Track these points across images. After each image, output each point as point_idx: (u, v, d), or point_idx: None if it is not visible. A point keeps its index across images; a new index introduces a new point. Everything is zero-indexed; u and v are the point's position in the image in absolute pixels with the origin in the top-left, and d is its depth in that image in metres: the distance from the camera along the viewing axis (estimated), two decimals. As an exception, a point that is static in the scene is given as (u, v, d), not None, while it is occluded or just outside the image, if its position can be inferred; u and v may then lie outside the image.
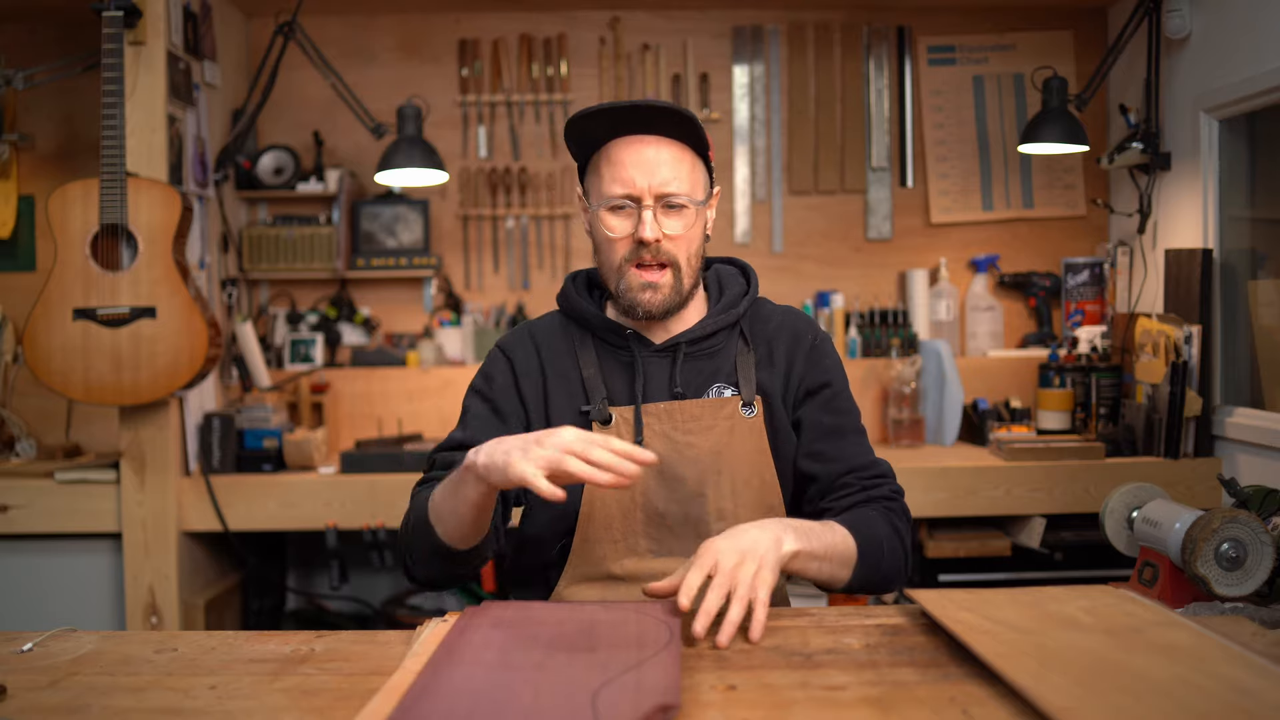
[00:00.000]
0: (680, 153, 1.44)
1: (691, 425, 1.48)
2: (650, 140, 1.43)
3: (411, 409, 3.25)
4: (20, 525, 2.72)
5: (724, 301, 1.55)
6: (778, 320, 1.57)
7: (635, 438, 1.47)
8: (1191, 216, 2.87)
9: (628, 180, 1.42)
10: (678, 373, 1.50)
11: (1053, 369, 3.05)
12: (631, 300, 1.46)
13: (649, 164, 1.42)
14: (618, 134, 1.44)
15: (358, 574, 3.31)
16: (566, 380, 1.52)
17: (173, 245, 2.56)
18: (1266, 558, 1.36)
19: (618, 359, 1.53)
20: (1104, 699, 0.92)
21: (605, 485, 1.17)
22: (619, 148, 1.44)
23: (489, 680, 1.00)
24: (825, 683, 1.03)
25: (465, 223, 3.43)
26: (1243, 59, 2.62)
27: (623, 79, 3.41)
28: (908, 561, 1.46)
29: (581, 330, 1.55)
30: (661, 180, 1.42)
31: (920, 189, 3.45)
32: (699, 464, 1.47)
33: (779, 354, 1.53)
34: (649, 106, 1.41)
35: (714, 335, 1.53)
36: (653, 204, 1.42)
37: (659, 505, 1.47)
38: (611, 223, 1.45)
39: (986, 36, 3.43)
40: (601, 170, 1.46)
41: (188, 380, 2.59)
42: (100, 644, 1.20)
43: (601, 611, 1.22)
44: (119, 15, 2.48)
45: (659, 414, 1.48)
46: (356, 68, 3.36)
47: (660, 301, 1.46)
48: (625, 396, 1.50)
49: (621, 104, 1.41)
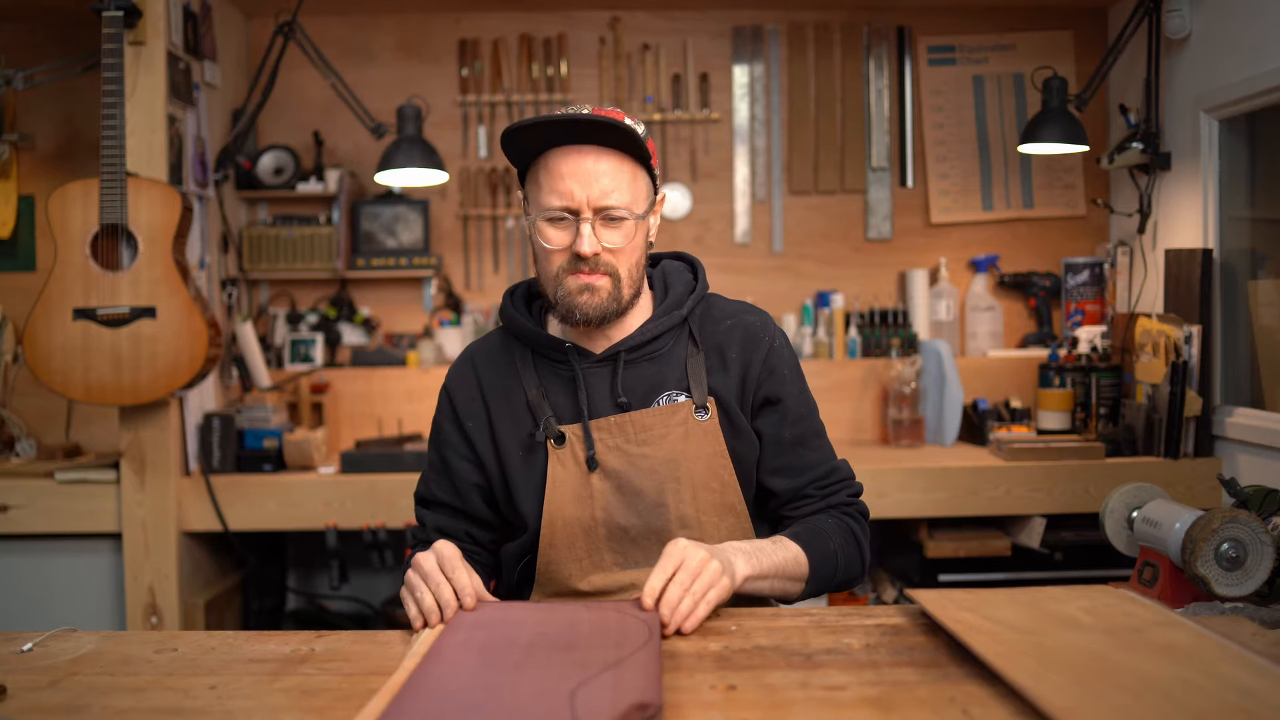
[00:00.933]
0: (620, 163, 1.39)
1: (644, 436, 1.44)
2: (589, 151, 1.38)
3: (411, 409, 3.25)
4: (20, 525, 2.72)
5: (667, 302, 1.51)
6: (730, 321, 1.52)
7: (586, 453, 1.44)
8: (1191, 216, 2.87)
9: (566, 192, 1.37)
10: (618, 382, 1.46)
11: (1053, 369, 3.05)
12: (570, 305, 1.41)
13: (587, 175, 1.37)
14: (556, 143, 1.39)
15: (358, 574, 3.31)
16: (510, 404, 1.49)
17: (173, 245, 2.56)
18: (1266, 558, 1.36)
19: (559, 374, 1.48)
20: (1104, 699, 0.92)
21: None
22: (557, 158, 1.38)
23: (470, 681, 1.00)
24: (825, 683, 1.03)
25: (465, 223, 3.43)
26: (1243, 59, 2.62)
27: (623, 79, 3.41)
28: (865, 562, 1.48)
29: (523, 347, 1.51)
30: (601, 191, 1.37)
31: (920, 189, 3.45)
32: (656, 474, 1.44)
33: (732, 357, 1.49)
34: (587, 121, 1.35)
35: (657, 339, 1.48)
36: (591, 216, 1.38)
37: (620, 520, 1.44)
38: (550, 234, 1.40)
39: (986, 36, 3.43)
40: (540, 180, 1.40)
41: (188, 380, 2.59)
42: (100, 644, 1.20)
43: (583, 611, 1.23)
44: (119, 15, 2.48)
45: (609, 428, 1.45)
46: (356, 68, 3.36)
47: (598, 305, 1.41)
48: (571, 413, 1.46)
49: (559, 116, 1.35)
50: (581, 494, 1.44)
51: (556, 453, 1.45)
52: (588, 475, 1.44)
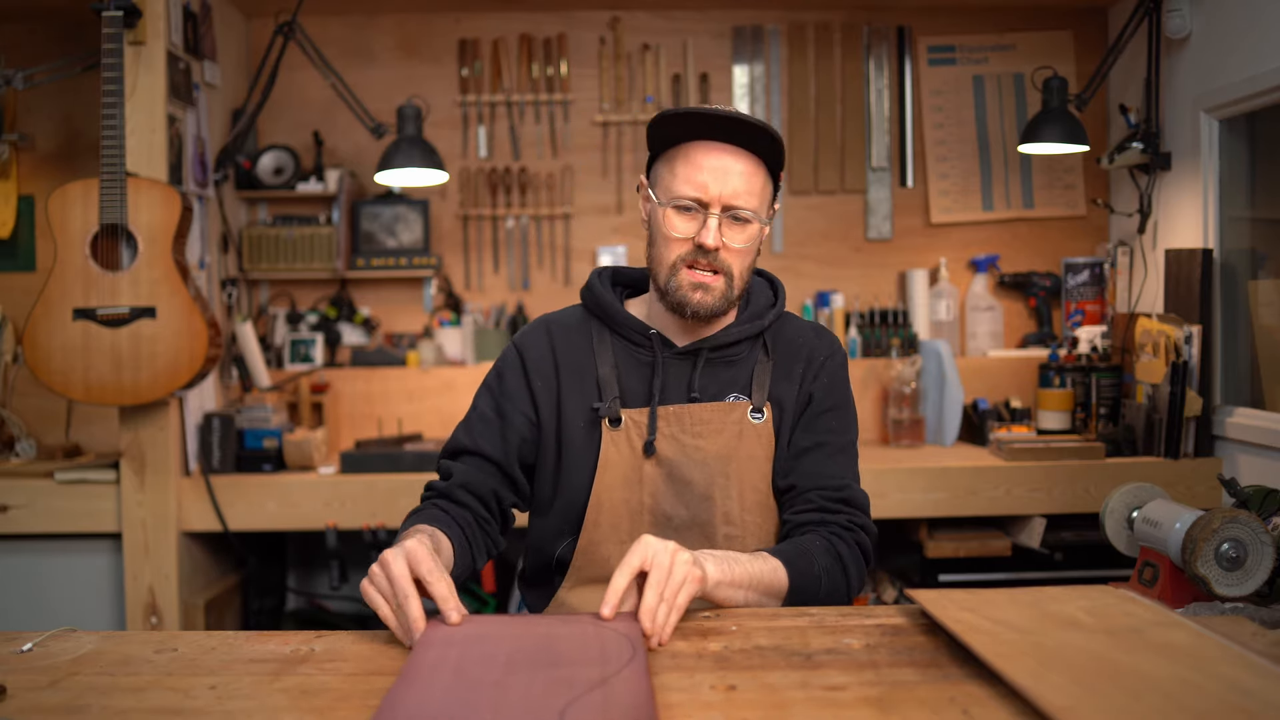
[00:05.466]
0: (755, 168, 1.44)
1: (701, 429, 1.48)
2: (729, 149, 1.43)
3: (411, 409, 3.25)
4: (20, 525, 2.72)
5: (750, 312, 1.56)
6: (802, 339, 1.57)
7: (648, 437, 1.47)
8: (1191, 216, 2.87)
9: (701, 184, 1.42)
10: (696, 377, 1.50)
11: (1053, 369, 3.05)
12: (681, 298, 1.46)
13: (724, 172, 1.42)
14: (700, 136, 1.44)
15: (358, 574, 3.31)
16: (580, 378, 1.52)
17: (173, 245, 2.56)
18: (1266, 558, 1.36)
19: (636, 358, 1.53)
20: (1104, 698, 0.92)
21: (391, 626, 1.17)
22: (697, 150, 1.43)
23: (446, 702, 0.96)
24: (825, 683, 1.03)
25: (465, 223, 3.43)
26: (1243, 59, 2.62)
27: (623, 79, 3.41)
28: (851, 588, 1.44)
29: (601, 326, 1.55)
30: (733, 191, 1.42)
31: (920, 189, 3.45)
32: (707, 467, 1.48)
33: (797, 371, 1.54)
34: (734, 118, 1.41)
35: (737, 344, 1.53)
36: (719, 213, 1.43)
37: (667, 508, 1.48)
38: (675, 222, 1.45)
39: (986, 36, 3.43)
40: (676, 168, 1.45)
41: (188, 380, 2.59)
42: (100, 644, 1.20)
43: (559, 625, 1.18)
44: (119, 15, 2.48)
45: (669, 417, 1.49)
46: (356, 68, 3.36)
47: (710, 304, 1.46)
48: (640, 397, 1.50)
49: (714, 110, 1.41)
50: (631, 478, 1.48)
51: (611, 434, 1.48)
52: (640, 460, 1.48)
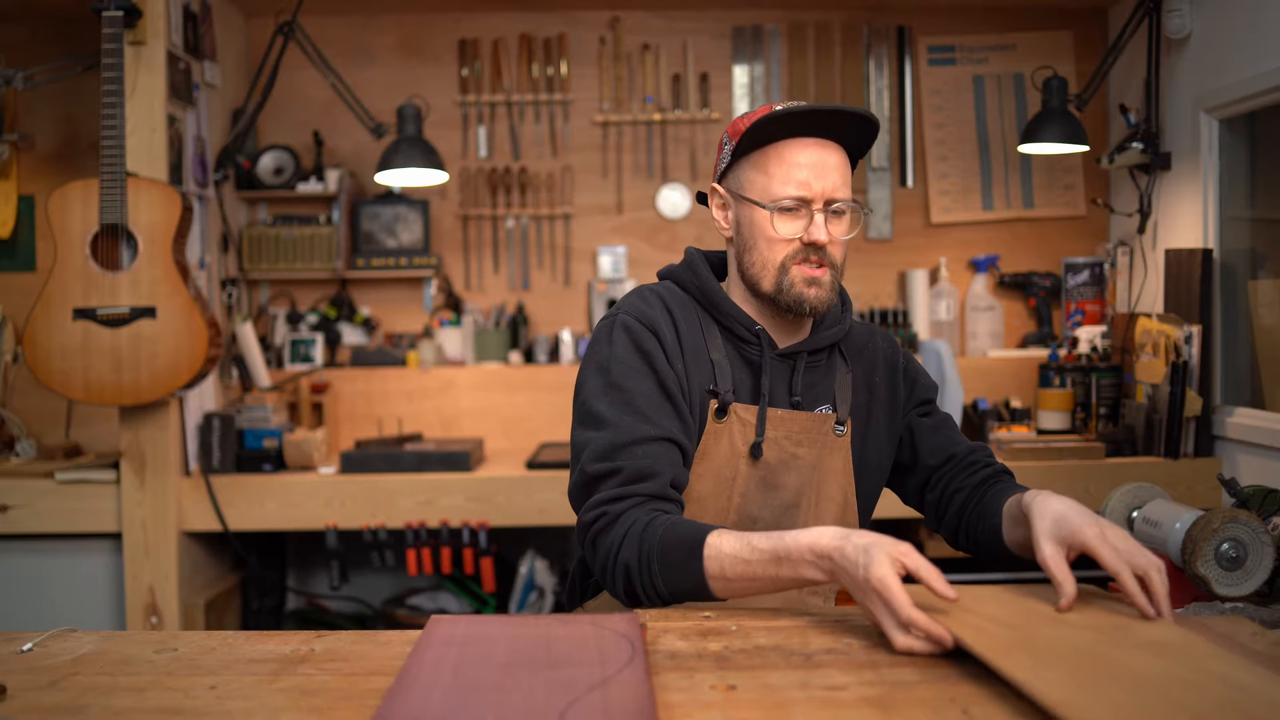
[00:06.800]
0: (844, 159, 1.44)
1: (801, 437, 1.47)
2: (820, 144, 1.43)
3: (411, 409, 3.25)
4: (20, 525, 2.72)
5: (830, 318, 1.54)
6: (868, 342, 1.58)
7: (756, 438, 1.45)
8: (1191, 216, 2.87)
9: (802, 183, 1.41)
10: (798, 381, 1.49)
11: (1053, 369, 3.05)
12: (798, 295, 1.43)
13: (822, 167, 1.41)
14: (791, 134, 1.42)
15: (358, 574, 3.31)
16: (698, 358, 1.46)
17: (173, 245, 2.56)
18: (1266, 558, 1.36)
19: (741, 353, 1.49)
20: (1101, 694, 0.92)
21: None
22: (792, 149, 1.42)
23: (447, 704, 0.96)
24: (825, 683, 1.03)
25: (465, 223, 3.43)
26: (1243, 59, 2.62)
27: (623, 79, 3.41)
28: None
29: (705, 314, 1.50)
30: (833, 185, 1.42)
31: (920, 189, 3.45)
32: (801, 476, 1.47)
33: (877, 381, 1.55)
34: (836, 111, 1.40)
35: (821, 350, 1.52)
36: (823, 208, 1.42)
37: (753, 510, 1.46)
38: (780, 224, 1.43)
39: (986, 36, 3.43)
40: (770, 169, 1.43)
41: (188, 380, 2.59)
42: (100, 644, 1.20)
43: (558, 625, 1.18)
44: (119, 15, 2.48)
45: (774, 420, 1.46)
46: (356, 68, 3.36)
47: (825, 297, 1.44)
48: (747, 394, 1.47)
49: (820, 107, 1.40)
50: (725, 474, 1.45)
51: (714, 425, 1.45)
52: (738, 458, 1.45)
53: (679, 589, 1.28)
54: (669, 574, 1.26)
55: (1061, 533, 1.22)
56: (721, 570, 1.24)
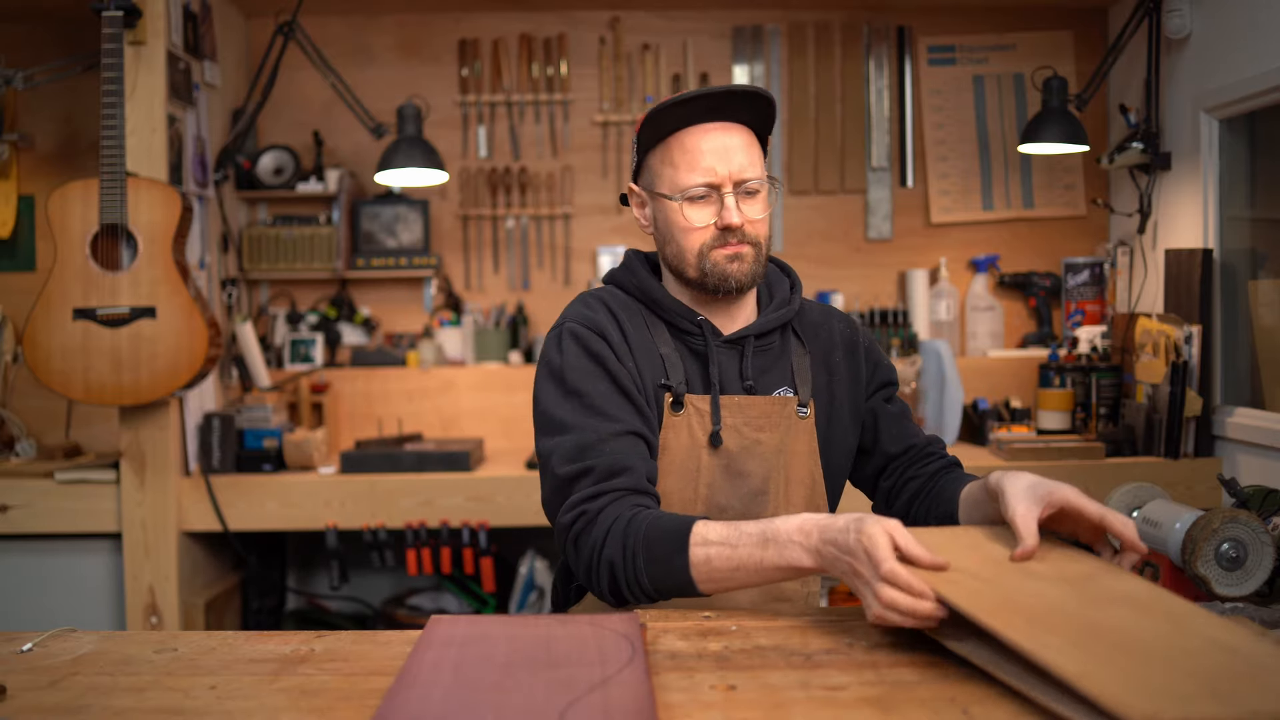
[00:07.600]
0: (749, 137, 1.45)
1: (761, 422, 1.47)
2: (720, 127, 1.43)
3: (411, 409, 3.25)
4: (20, 525, 2.72)
5: (777, 300, 1.55)
6: (824, 323, 1.58)
7: (713, 427, 1.45)
8: (1191, 216, 2.87)
9: (708, 169, 1.41)
10: (747, 365, 1.49)
11: (1053, 369, 3.05)
12: (722, 274, 1.43)
13: (725, 151, 1.41)
14: (688, 123, 1.43)
15: (358, 574, 3.31)
16: (649, 354, 1.47)
17: (172, 245, 2.56)
18: (1267, 558, 1.36)
19: (688, 345, 1.50)
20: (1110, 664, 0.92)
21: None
22: (693, 137, 1.42)
23: (447, 704, 0.96)
24: (825, 683, 1.03)
25: (465, 223, 3.43)
26: (1243, 59, 2.62)
27: (623, 79, 3.41)
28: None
29: (649, 312, 1.51)
30: (739, 166, 1.42)
31: (920, 189, 3.45)
32: (765, 461, 1.47)
33: (836, 361, 1.55)
34: (727, 92, 1.40)
35: (773, 333, 1.52)
36: (732, 190, 1.42)
37: (721, 499, 1.46)
38: (691, 213, 1.44)
39: (986, 36, 3.43)
40: (675, 160, 1.43)
41: (188, 380, 2.59)
42: (100, 644, 1.20)
43: (556, 626, 1.18)
44: (119, 15, 2.48)
45: (731, 407, 1.47)
46: (356, 68, 3.36)
47: (748, 270, 1.44)
48: (699, 384, 1.48)
49: (705, 90, 1.40)
50: (688, 466, 1.45)
51: (671, 419, 1.45)
52: (699, 448, 1.45)
53: (663, 584, 1.28)
54: (654, 568, 1.27)
55: (1039, 493, 1.21)
56: (707, 558, 1.24)
